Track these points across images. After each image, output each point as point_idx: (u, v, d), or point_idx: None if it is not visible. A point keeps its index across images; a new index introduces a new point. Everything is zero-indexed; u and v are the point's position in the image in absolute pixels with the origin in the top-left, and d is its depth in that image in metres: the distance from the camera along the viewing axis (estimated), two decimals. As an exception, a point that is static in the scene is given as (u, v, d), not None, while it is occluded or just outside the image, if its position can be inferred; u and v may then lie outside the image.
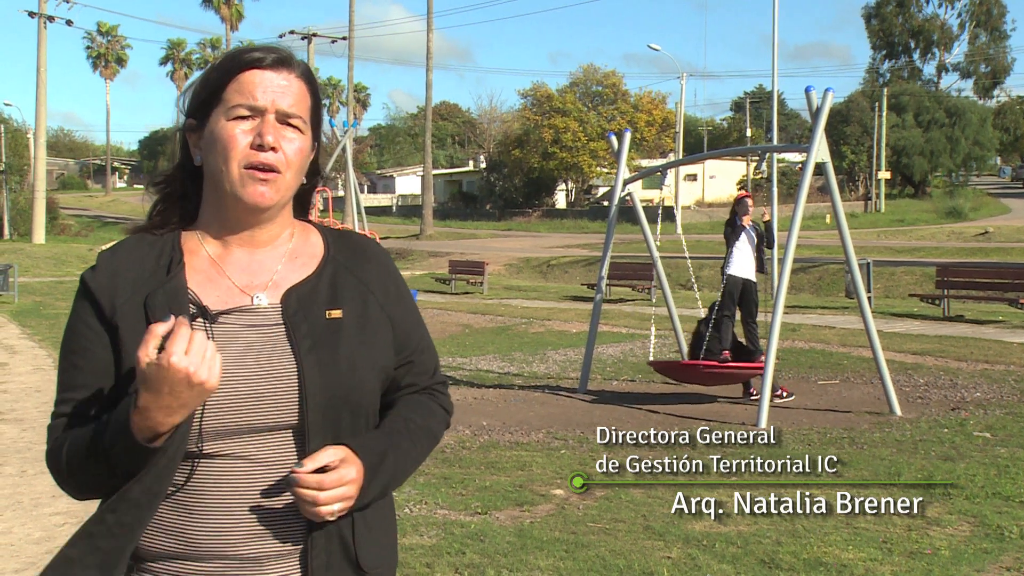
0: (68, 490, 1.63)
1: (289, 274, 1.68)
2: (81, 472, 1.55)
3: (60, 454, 1.58)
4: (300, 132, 1.66)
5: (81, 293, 1.65)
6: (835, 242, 20.59)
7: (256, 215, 1.66)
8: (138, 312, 1.59)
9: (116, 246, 1.69)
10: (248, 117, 1.62)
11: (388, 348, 1.71)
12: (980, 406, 9.70)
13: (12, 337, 16.63)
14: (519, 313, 20.47)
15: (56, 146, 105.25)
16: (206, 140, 1.65)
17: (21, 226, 46.36)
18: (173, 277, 1.62)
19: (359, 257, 1.75)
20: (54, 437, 1.61)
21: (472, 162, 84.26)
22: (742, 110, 72.81)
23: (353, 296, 1.69)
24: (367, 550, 1.64)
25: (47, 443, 1.63)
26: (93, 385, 1.61)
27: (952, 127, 62.19)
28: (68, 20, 45.57)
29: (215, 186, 1.66)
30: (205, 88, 1.67)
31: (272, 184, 1.62)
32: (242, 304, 1.64)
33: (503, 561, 5.03)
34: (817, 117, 9.56)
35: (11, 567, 5.08)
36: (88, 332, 1.63)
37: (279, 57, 1.67)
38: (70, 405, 1.62)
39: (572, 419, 9.58)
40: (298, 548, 1.59)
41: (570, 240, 46.79)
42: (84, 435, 1.55)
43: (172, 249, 1.66)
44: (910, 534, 5.49)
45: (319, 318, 1.64)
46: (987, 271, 19.63)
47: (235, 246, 1.69)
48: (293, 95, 1.65)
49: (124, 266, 1.64)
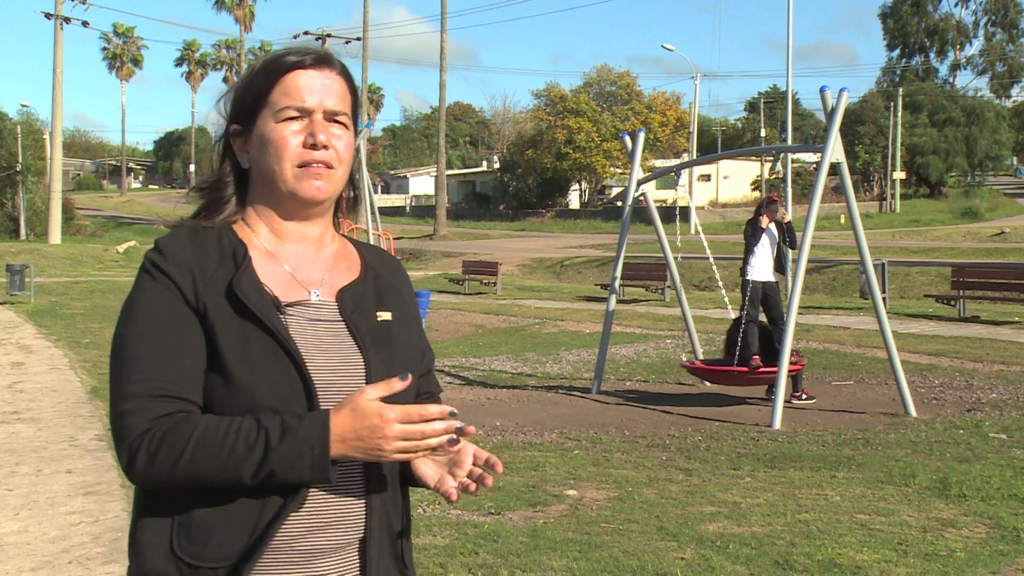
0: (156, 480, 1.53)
1: (337, 275, 1.74)
2: (207, 471, 1.50)
3: (181, 446, 1.49)
4: (346, 128, 1.71)
5: (153, 275, 1.61)
6: (850, 242, 20.48)
7: (310, 209, 1.71)
8: (220, 298, 1.59)
9: (174, 233, 1.68)
10: (297, 118, 1.66)
11: (420, 354, 1.80)
12: (996, 407, 9.64)
13: (28, 337, 16.73)
14: (532, 313, 20.47)
15: (72, 147, 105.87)
16: (255, 143, 1.69)
17: (37, 226, 46.61)
18: (246, 267, 1.63)
19: (390, 268, 1.84)
20: (150, 419, 1.52)
21: (485, 162, 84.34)
22: (756, 110, 72.59)
23: (395, 303, 1.77)
24: (407, 547, 1.73)
25: (134, 425, 1.52)
26: (177, 365, 1.56)
27: (968, 127, 61.84)
28: (84, 21, 45.67)
29: (268, 186, 1.69)
30: (249, 93, 1.70)
31: (326, 179, 1.68)
32: (303, 298, 1.67)
33: (516, 561, 5.03)
34: (832, 117, 9.53)
35: (28, 565, 5.11)
36: (170, 313, 1.58)
37: (319, 57, 1.71)
38: (152, 385, 1.54)
39: (585, 420, 9.57)
40: (356, 540, 1.63)
41: (583, 240, 46.76)
42: (224, 435, 1.50)
43: (232, 240, 1.68)
44: (925, 535, 5.46)
45: (372, 319, 1.71)
46: (1003, 272, 19.51)
47: (287, 241, 1.72)
48: (337, 93, 1.70)
49: (192, 253, 1.63)
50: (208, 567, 1.53)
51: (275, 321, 1.58)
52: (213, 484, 1.51)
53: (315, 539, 1.59)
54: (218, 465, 1.49)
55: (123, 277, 32.93)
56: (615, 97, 66.30)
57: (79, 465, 7.36)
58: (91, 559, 5.21)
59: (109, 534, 5.62)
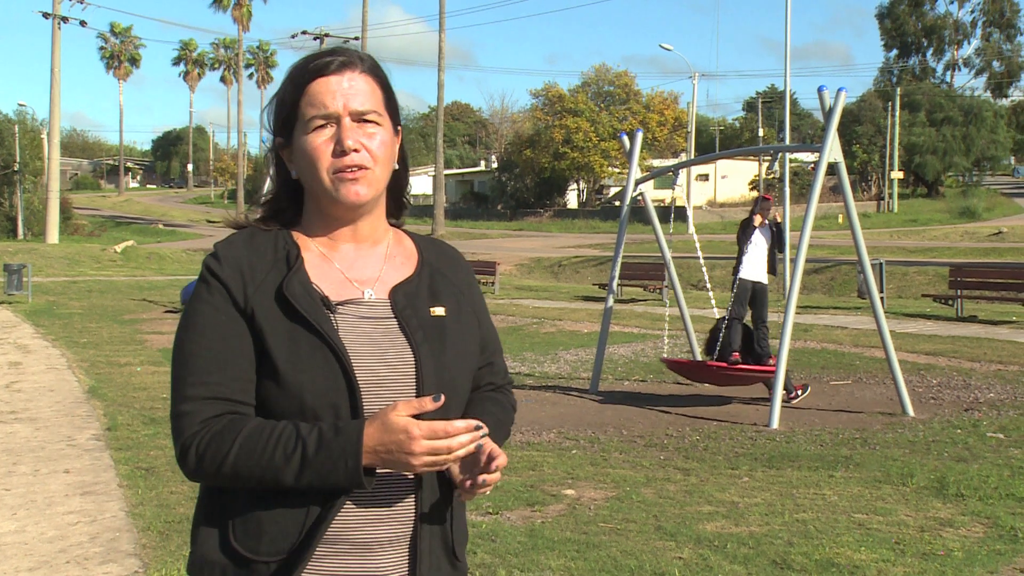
0: (206, 479, 1.63)
1: (391, 272, 1.77)
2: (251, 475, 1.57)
3: (226, 450, 1.57)
4: (378, 125, 1.71)
5: (207, 280, 1.68)
6: (847, 242, 20.51)
7: (355, 211, 1.73)
8: (269, 300, 1.64)
9: (232, 237, 1.73)
10: (325, 125, 1.68)
11: (477, 347, 1.82)
12: (993, 407, 9.65)
13: (26, 336, 16.71)
14: (530, 313, 20.47)
15: (69, 146, 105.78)
16: (296, 156, 1.72)
17: (35, 226, 46.60)
18: (297, 269, 1.68)
19: (449, 262, 1.86)
20: (201, 420, 1.60)
21: (484, 162, 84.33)
22: (754, 110, 72.64)
23: (449, 297, 1.79)
24: (459, 539, 1.77)
25: (188, 427, 1.61)
26: (229, 368, 1.62)
27: (966, 126, 61.90)
28: (82, 21, 45.70)
29: (314, 194, 1.73)
30: (283, 107, 1.73)
31: (364, 181, 1.69)
32: (355, 296, 1.71)
33: (514, 561, 5.03)
34: (830, 117, 9.53)
35: (25, 566, 5.10)
36: (220, 316, 1.65)
37: (342, 60, 1.71)
38: (206, 388, 1.62)
39: (583, 419, 9.57)
40: (406, 533, 1.67)
41: (581, 240, 46.79)
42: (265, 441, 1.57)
43: (287, 243, 1.72)
44: (923, 535, 5.47)
45: (425, 315, 1.73)
46: (1001, 271, 19.52)
47: (341, 242, 1.76)
48: (362, 93, 1.70)
49: (246, 256, 1.68)
50: (261, 561, 1.61)
51: (322, 321, 1.63)
52: (254, 485, 1.59)
53: (368, 531, 1.64)
54: (259, 470, 1.57)
55: (120, 277, 32.91)
56: (613, 97, 66.28)
57: (77, 465, 7.36)
58: (89, 559, 5.21)
59: (107, 534, 5.62)
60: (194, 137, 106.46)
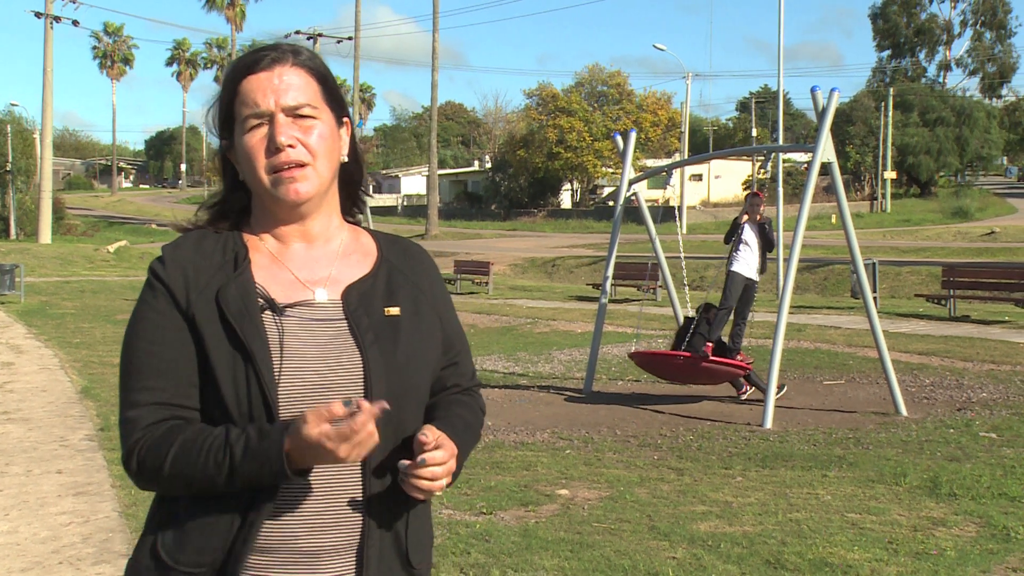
0: (150, 487, 1.62)
1: (345, 271, 1.72)
2: (188, 482, 1.56)
3: (162, 458, 1.56)
4: (315, 119, 1.67)
5: (152, 285, 1.65)
6: (841, 242, 20.53)
7: (299, 209, 1.69)
8: (210, 305, 1.61)
9: (180, 240, 1.71)
10: (260, 124, 1.65)
11: (438, 347, 1.76)
12: (986, 406, 9.68)
13: (18, 337, 16.67)
14: (524, 313, 20.47)
15: (62, 146, 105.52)
16: (237, 157, 1.70)
17: (27, 226, 46.42)
18: (241, 271, 1.65)
19: (410, 259, 1.80)
20: (143, 427, 1.59)
21: (477, 162, 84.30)
22: (748, 110, 72.72)
23: (407, 296, 1.74)
24: (416, 546, 1.70)
25: (131, 434, 1.59)
26: (172, 374, 1.61)
27: (959, 127, 62.05)
28: (74, 20, 45.57)
29: (257, 195, 1.71)
30: (221, 108, 1.71)
31: (303, 177, 1.65)
32: (304, 298, 1.67)
33: (508, 561, 5.03)
34: (823, 117, 9.54)
35: (18, 566, 5.09)
36: (163, 321, 1.62)
37: (273, 56, 1.68)
38: (149, 394, 1.60)
39: (577, 419, 9.57)
40: (354, 542, 1.62)
41: (575, 240, 46.79)
42: (199, 450, 1.55)
43: (236, 244, 1.69)
44: (916, 535, 5.48)
45: (378, 315, 1.68)
46: (993, 271, 19.58)
47: (291, 242, 1.72)
48: (294, 87, 1.66)
49: (191, 259, 1.66)
50: (182, 570, 1.58)
51: (247, 327, 1.59)
52: (195, 490, 1.57)
53: (312, 540, 1.60)
54: (194, 476, 1.55)
55: (113, 277, 32.83)
56: (606, 97, 66.31)
57: (69, 465, 7.34)
58: (81, 559, 5.19)
59: (100, 534, 5.61)
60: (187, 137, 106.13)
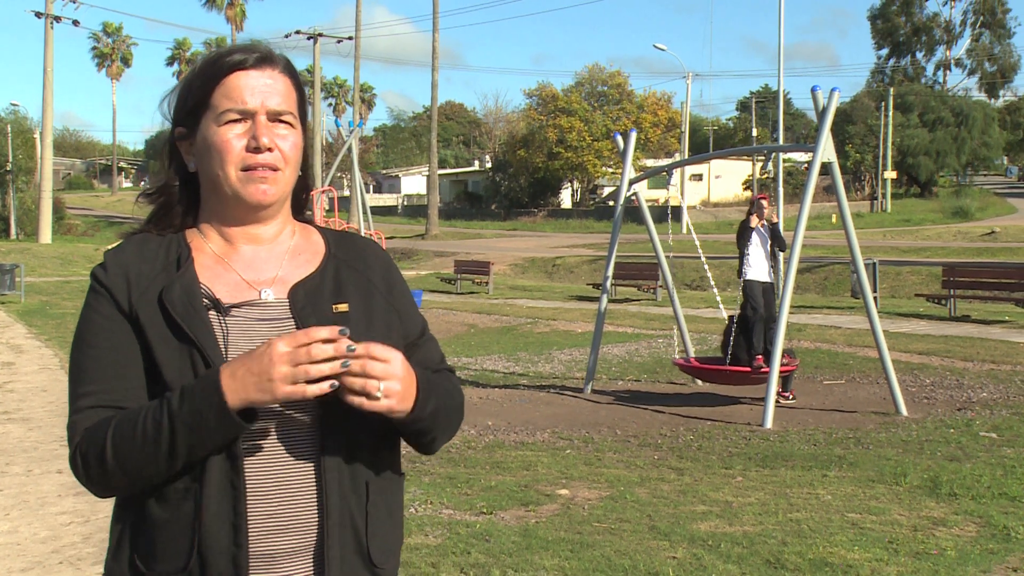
0: (99, 482, 1.60)
1: (293, 270, 1.70)
2: (130, 458, 1.53)
3: (102, 441, 1.54)
4: (292, 127, 1.67)
5: (95, 289, 1.66)
6: (841, 242, 20.53)
7: (258, 212, 1.68)
8: (153, 305, 1.60)
9: (122, 244, 1.70)
10: (239, 120, 1.63)
11: (395, 341, 1.68)
12: (986, 406, 9.68)
13: (19, 337, 16.68)
14: (524, 313, 20.47)
15: (62, 146, 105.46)
16: (199, 147, 1.66)
17: (28, 226, 46.45)
18: (185, 271, 1.63)
19: (360, 254, 1.77)
20: (85, 427, 1.59)
21: (477, 162, 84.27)
22: (748, 110, 72.73)
23: (357, 291, 1.71)
24: (378, 544, 1.65)
25: (75, 436, 1.60)
26: (119, 376, 1.60)
27: (958, 127, 62.02)
28: (74, 20, 45.61)
29: (215, 190, 1.67)
30: (191, 96, 1.67)
31: (271, 181, 1.64)
32: (251, 298, 1.65)
33: (508, 561, 5.03)
34: (823, 117, 9.54)
35: (18, 566, 5.09)
36: (108, 324, 1.62)
37: (261, 56, 1.67)
38: (95, 397, 1.60)
39: (577, 419, 9.57)
40: (311, 544, 1.59)
41: (575, 240, 46.77)
42: (136, 419, 1.53)
43: (179, 246, 1.68)
44: (916, 534, 5.48)
45: (326, 312, 1.65)
46: (993, 271, 19.57)
47: (240, 243, 1.70)
48: (280, 93, 1.66)
49: (134, 262, 1.65)
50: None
51: (196, 326, 1.58)
52: (142, 474, 1.54)
53: (268, 543, 1.57)
54: (136, 450, 1.52)
55: (114, 277, 32.81)
56: (606, 97, 66.28)
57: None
58: (82, 559, 5.20)
59: (100, 534, 5.60)
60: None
